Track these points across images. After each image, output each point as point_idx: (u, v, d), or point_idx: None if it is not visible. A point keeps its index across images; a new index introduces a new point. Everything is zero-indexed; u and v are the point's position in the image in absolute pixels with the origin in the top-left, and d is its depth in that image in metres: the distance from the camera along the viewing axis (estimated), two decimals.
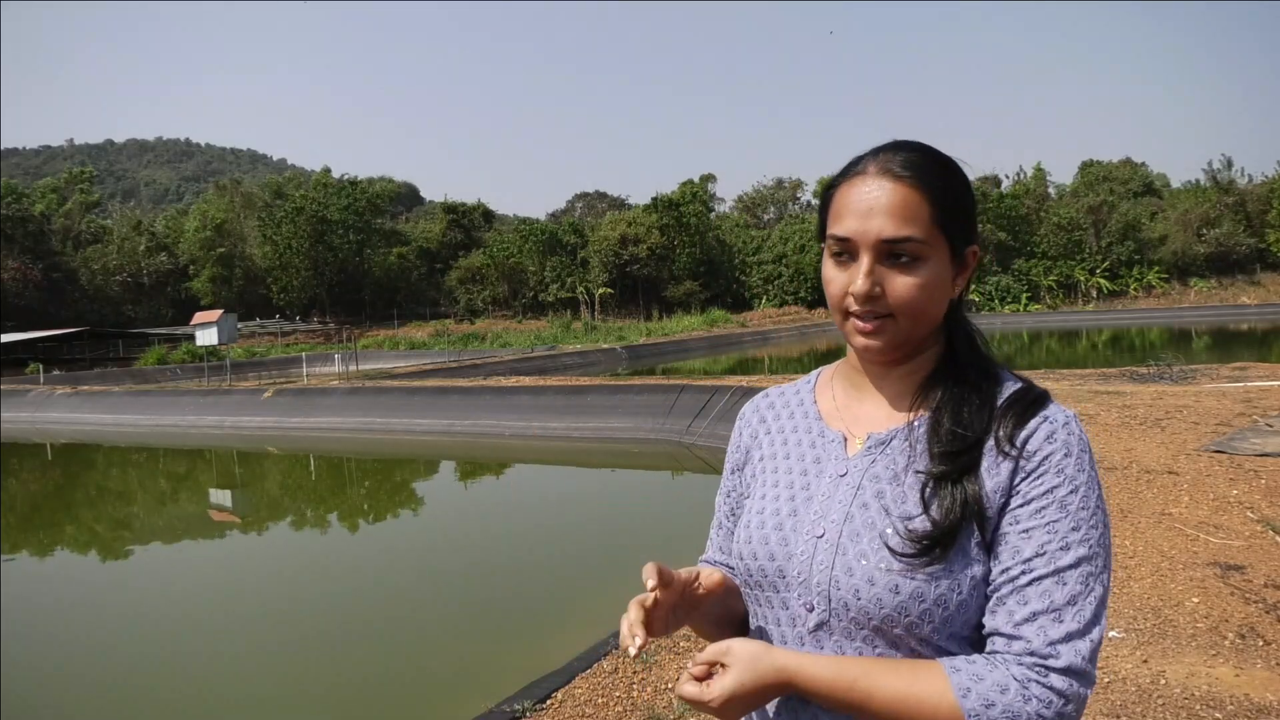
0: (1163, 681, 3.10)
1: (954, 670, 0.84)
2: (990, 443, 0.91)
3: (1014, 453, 0.90)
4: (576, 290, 54.81)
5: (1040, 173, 61.21)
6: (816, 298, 51.33)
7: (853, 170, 0.96)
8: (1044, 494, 0.87)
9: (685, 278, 54.53)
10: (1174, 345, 24.16)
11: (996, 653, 0.85)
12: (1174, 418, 8.73)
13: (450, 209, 67.17)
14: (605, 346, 31.32)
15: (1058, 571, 0.85)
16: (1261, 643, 3.36)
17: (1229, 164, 55.33)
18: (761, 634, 1.01)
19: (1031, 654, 0.83)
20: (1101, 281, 51.77)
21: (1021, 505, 0.88)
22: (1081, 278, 52.21)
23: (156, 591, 7.29)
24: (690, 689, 0.89)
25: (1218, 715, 2.84)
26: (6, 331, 40.01)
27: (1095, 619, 0.84)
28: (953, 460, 0.90)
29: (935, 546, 0.87)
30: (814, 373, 1.14)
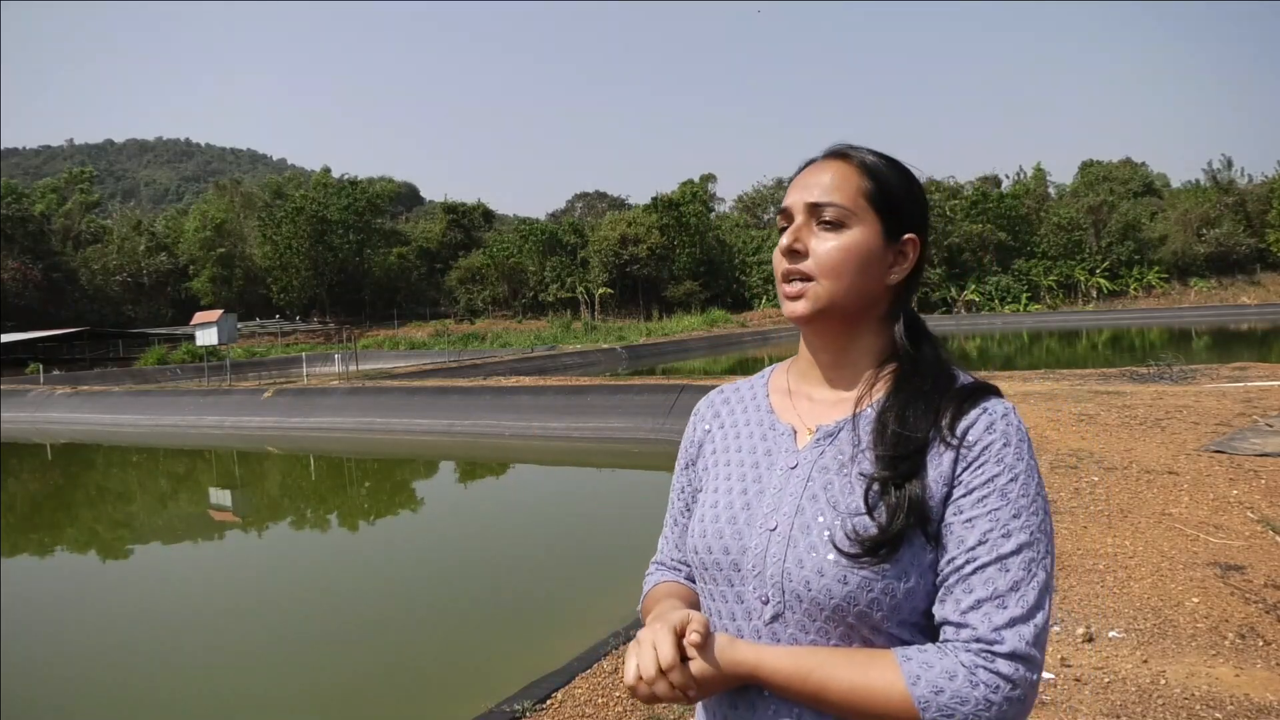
0: (1163, 681, 3.10)
1: (905, 659, 0.86)
2: (934, 434, 0.93)
3: (955, 442, 0.91)
4: (576, 290, 54.80)
5: (1040, 173, 61.20)
6: None
7: (808, 161, 1.04)
8: (985, 483, 0.89)
9: (685, 278, 54.52)
10: (1174, 345, 24.15)
11: (947, 641, 0.87)
12: (1174, 418, 8.73)
13: (450, 209, 67.15)
14: (605, 346, 31.32)
15: (1001, 559, 0.87)
16: (1261, 643, 3.36)
17: (1229, 164, 55.37)
18: (714, 626, 1.01)
19: (978, 640, 0.85)
20: (1101, 281, 51.75)
21: (964, 495, 0.90)
22: (1081, 278, 52.20)
23: (156, 591, 7.29)
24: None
25: (1218, 715, 2.84)
26: (6, 331, 40.01)
27: (1039, 604, 0.86)
28: (895, 466, 0.91)
29: (882, 548, 0.88)
30: (768, 369, 1.16)
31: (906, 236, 1.00)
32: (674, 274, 54.80)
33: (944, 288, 53.13)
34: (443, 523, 9.77)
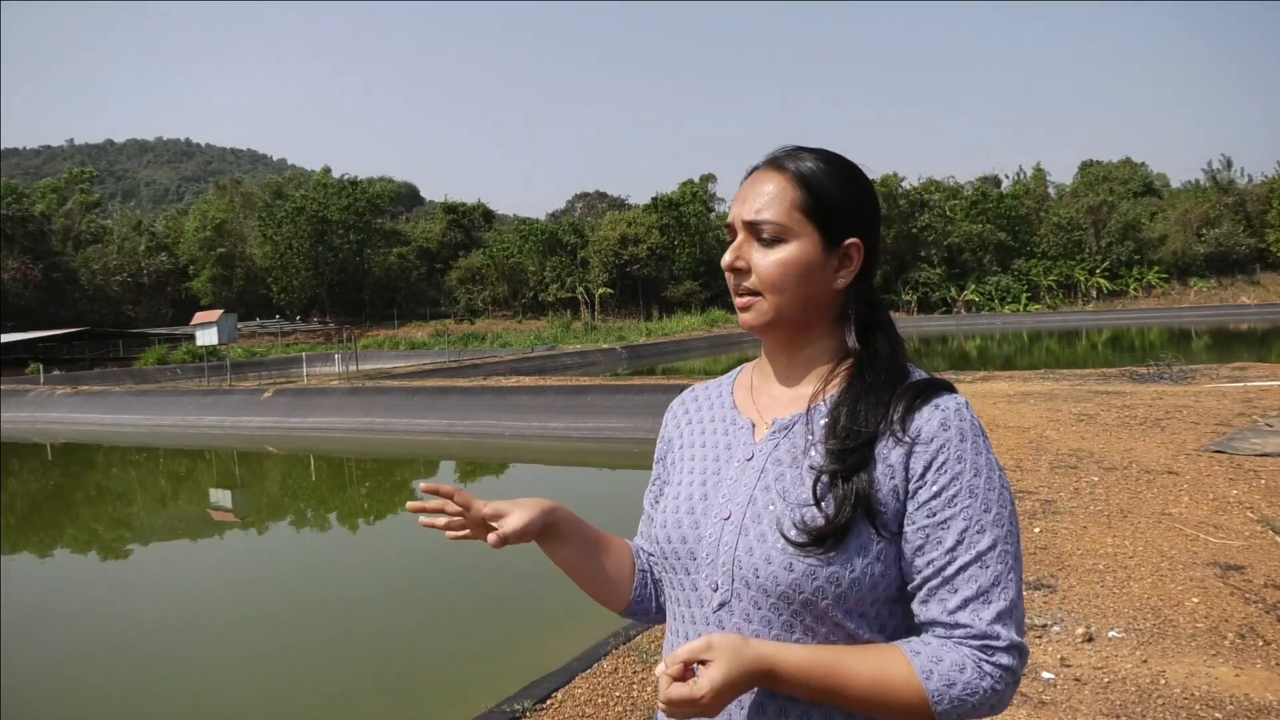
0: (1163, 681, 3.10)
1: (914, 654, 0.89)
2: (883, 428, 0.95)
3: (906, 439, 0.93)
4: (576, 290, 54.79)
5: (1040, 173, 61.18)
6: None
7: (753, 169, 1.06)
8: (952, 481, 0.91)
9: (685, 278, 54.51)
10: (1174, 345, 24.15)
11: (940, 638, 0.91)
12: (1174, 418, 8.73)
13: (450, 209, 67.15)
14: (605, 346, 31.32)
15: (980, 556, 0.90)
16: (1261, 643, 3.36)
17: (1229, 164, 55.37)
18: (673, 615, 1.05)
19: (975, 637, 0.89)
20: (1101, 281, 51.73)
21: (934, 496, 0.92)
22: (1081, 278, 52.18)
23: (156, 591, 7.29)
24: (679, 690, 0.86)
25: (1217, 715, 2.84)
26: (6, 331, 40.01)
27: (1018, 593, 0.91)
28: (844, 459, 0.93)
29: (828, 538, 0.91)
30: (738, 368, 1.19)
31: (849, 241, 1.00)
32: (674, 274, 54.78)
33: (944, 288, 53.13)
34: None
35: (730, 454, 1.05)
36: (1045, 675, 3.20)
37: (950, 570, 0.90)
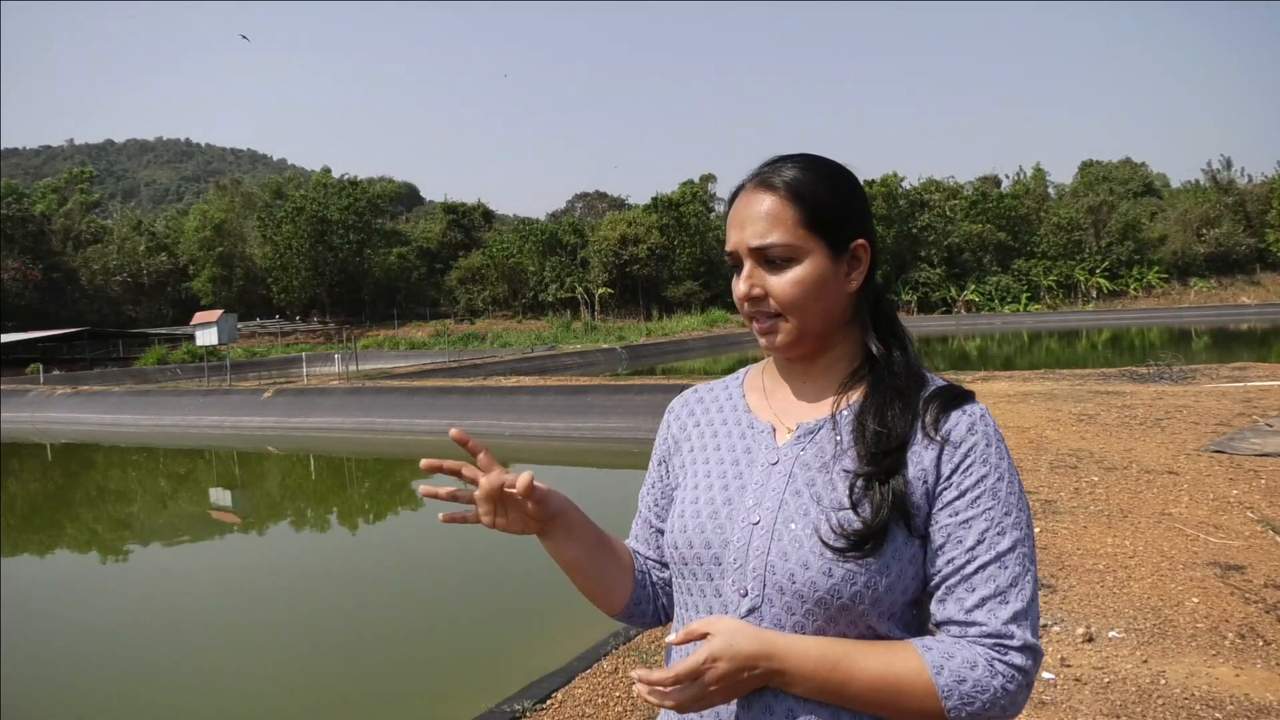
0: (1163, 681, 3.10)
1: (925, 649, 0.89)
2: (915, 432, 0.96)
3: (938, 440, 0.95)
4: (576, 290, 54.78)
5: (1040, 173, 61.19)
6: None
7: (738, 189, 1.04)
8: (976, 483, 0.93)
9: (685, 278, 54.50)
10: (1174, 345, 24.14)
11: (955, 638, 0.91)
12: (1174, 418, 8.74)
13: (450, 209, 67.16)
14: (605, 346, 31.32)
15: (999, 556, 0.91)
16: (1261, 643, 3.36)
17: (1229, 164, 55.36)
18: (688, 621, 1.03)
19: (989, 635, 0.89)
20: (1101, 281, 51.74)
21: (958, 497, 0.93)
22: (1081, 278, 52.19)
23: (157, 592, 7.29)
24: (684, 664, 0.88)
25: (1218, 715, 2.84)
26: (6, 331, 39.99)
27: (1034, 596, 0.91)
28: (878, 461, 0.94)
29: (866, 542, 0.90)
30: (741, 370, 1.17)
31: (856, 243, 1.00)
32: (674, 274, 54.77)
33: (944, 288, 53.13)
34: (443, 523, 9.75)
35: (751, 458, 1.03)
36: (1045, 675, 3.20)
37: (970, 569, 0.91)
